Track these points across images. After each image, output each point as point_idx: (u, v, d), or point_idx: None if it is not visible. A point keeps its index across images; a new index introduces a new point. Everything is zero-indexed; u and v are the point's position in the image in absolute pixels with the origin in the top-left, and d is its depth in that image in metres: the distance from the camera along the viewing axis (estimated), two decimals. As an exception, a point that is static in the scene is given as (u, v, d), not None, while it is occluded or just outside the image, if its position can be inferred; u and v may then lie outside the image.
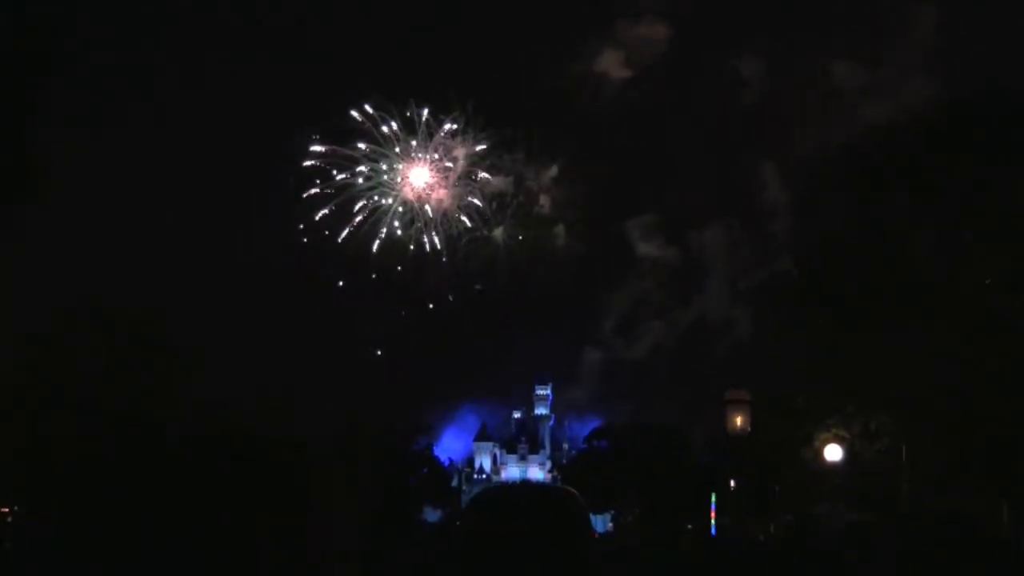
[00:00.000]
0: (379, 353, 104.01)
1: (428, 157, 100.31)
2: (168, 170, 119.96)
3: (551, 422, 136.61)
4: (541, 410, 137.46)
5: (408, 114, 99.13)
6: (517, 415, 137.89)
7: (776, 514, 53.98)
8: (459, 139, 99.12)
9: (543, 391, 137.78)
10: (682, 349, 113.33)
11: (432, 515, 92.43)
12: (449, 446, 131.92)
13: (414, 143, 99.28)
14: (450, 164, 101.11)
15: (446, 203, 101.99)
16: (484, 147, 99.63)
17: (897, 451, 44.00)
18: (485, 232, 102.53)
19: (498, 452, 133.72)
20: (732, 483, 63.35)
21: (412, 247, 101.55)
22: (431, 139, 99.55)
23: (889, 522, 39.97)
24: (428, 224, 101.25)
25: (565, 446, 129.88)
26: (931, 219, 37.89)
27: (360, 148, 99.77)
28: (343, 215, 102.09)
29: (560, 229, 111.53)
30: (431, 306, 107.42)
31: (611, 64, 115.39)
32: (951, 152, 36.33)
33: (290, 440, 46.68)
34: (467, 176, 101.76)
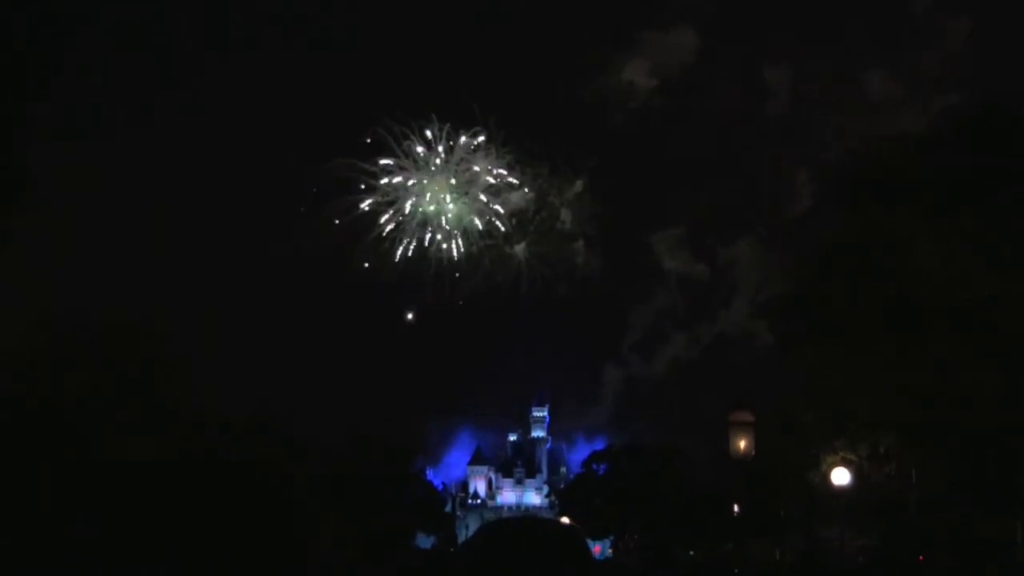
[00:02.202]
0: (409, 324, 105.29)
1: (449, 172, 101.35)
2: (169, 181, 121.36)
3: (548, 445, 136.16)
4: (538, 432, 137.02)
5: (428, 131, 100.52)
6: (513, 437, 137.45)
7: (782, 539, 53.87)
8: (480, 153, 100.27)
9: (540, 412, 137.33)
10: (687, 369, 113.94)
11: (424, 541, 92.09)
12: (446, 468, 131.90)
13: (436, 158, 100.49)
14: (472, 179, 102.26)
15: (466, 219, 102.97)
16: (506, 161, 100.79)
17: (907, 474, 43.95)
18: (507, 248, 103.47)
19: (493, 476, 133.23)
20: (735, 507, 63.33)
21: (431, 261, 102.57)
22: (452, 153, 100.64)
23: (900, 547, 40.02)
24: (447, 239, 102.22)
25: (563, 469, 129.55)
26: (933, 232, 38.09)
27: (380, 163, 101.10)
28: (360, 229, 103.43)
29: (579, 245, 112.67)
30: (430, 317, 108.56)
31: (636, 74, 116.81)
32: (954, 166, 36.59)
33: (283, 458, 46.59)
34: (488, 191, 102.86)
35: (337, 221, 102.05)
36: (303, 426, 60.05)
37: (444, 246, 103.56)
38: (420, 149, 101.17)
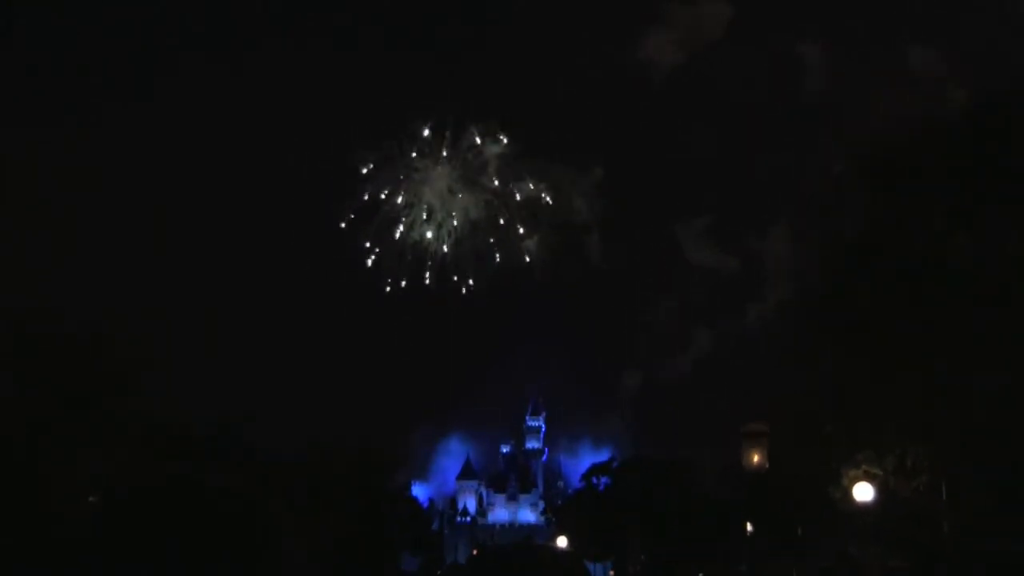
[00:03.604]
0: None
1: (456, 162, 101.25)
2: (151, 182, 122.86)
3: (544, 457, 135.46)
4: (533, 444, 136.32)
5: (433, 122, 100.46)
6: (505, 449, 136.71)
7: (800, 560, 53.39)
8: (488, 140, 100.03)
9: (535, 423, 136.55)
10: (703, 375, 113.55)
11: (410, 563, 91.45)
12: (439, 474, 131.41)
13: (442, 149, 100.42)
14: (480, 168, 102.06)
15: (473, 212, 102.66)
16: (519, 151, 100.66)
17: (937, 489, 43.38)
18: (516, 241, 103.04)
19: (484, 491, 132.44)
20: (749, 525, 62.82)
21: (432, 253, 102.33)
22: (459, 144, 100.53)
23: (930, 569, 39.46)
24: (452, 232, 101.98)
25: (560, 483, 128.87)
26: (972, 225, 37.53)
27: (382, 155, 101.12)
28: (359, 222, 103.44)
29: (594, 239, 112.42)
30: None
31: (660, 51, 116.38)
32: (993, 151, 36.04)
33: (254, 480, 46.03)
34: (499, 182, 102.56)
35: (342, 222, 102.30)
36: (279, 440, 59.64)
37: (446, 239, 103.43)
38: (421, 142, 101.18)
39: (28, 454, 37.95)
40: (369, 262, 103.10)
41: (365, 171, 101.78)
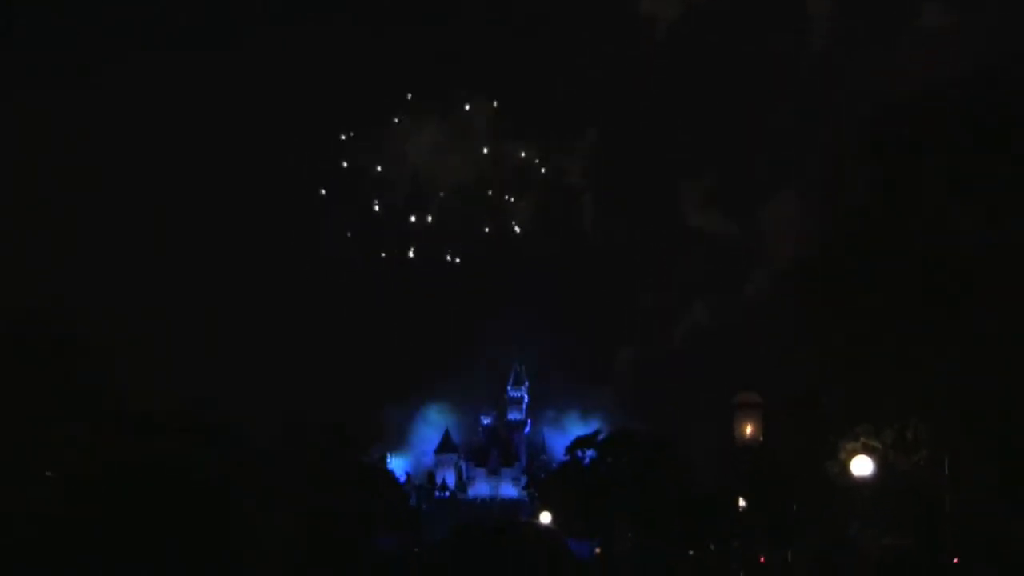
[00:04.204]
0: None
1: (443, 127, 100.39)
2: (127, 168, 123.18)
3: (527, 429, 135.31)
4: (515, 415, 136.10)
5: (419, 90, 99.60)
6: (487, 421, 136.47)
7: (794, 538, 53.21)
8: (477, 102, 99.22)
9: (517, 393, 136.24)
10: (699, 346, 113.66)
11: (385, 540, 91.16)
12: (418, 445, 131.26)
13: (429, 113, 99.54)
14: (468, 130, 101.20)
15: (460, 172, 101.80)
16: (509, 113, 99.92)
17: (939, 464, 43.18)
18: (503, 206, 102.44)
19: (464, 465, 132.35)
20: (742, 502, 62.62)
21: (415, 221, 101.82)
22: (446, 108, 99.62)
23: (932, 547, 39.27)
24: (437, 198, 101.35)
25: (544, 457, 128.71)
26: (974, 195, 37.15)
27: (365, 122, 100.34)
28: (345, 194, 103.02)
29: (586, 202, 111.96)
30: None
31: (657, 5, 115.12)
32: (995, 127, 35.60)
33: (221, 456, 45.77)
34: (488, 147, 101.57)
35: (323, 191, 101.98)
36: (248, 413, 59.34)
37: (430, 207, 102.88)
38: (407, 106, 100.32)
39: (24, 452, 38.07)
40: (349, 233, 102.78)
41: (344, 137, 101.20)
